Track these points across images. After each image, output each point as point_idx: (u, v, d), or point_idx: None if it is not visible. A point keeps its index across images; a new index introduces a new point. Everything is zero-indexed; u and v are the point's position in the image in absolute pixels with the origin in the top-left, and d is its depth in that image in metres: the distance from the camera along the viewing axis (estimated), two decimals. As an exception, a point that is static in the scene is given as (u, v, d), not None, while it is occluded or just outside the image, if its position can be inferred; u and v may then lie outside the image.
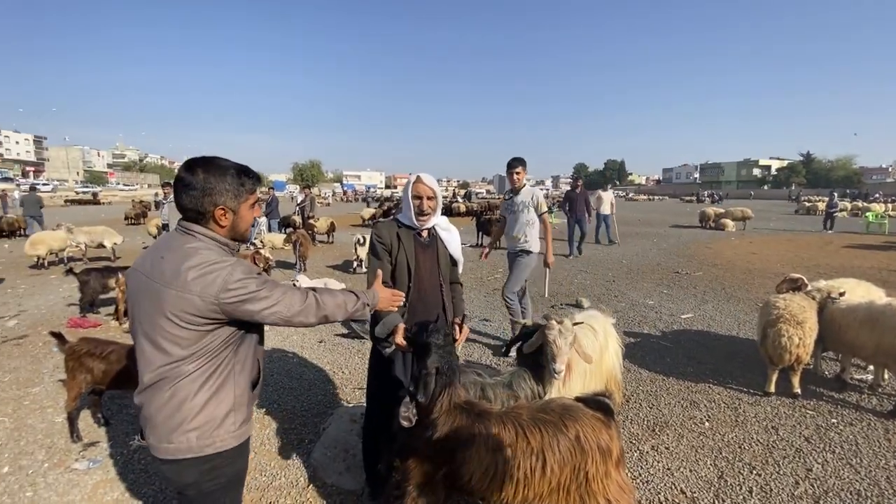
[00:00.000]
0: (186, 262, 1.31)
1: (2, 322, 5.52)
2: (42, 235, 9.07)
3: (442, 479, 1.78)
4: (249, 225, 1.51)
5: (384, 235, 2.25)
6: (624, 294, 6.98)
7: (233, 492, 1.51)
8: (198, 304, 1.29)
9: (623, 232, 16.73)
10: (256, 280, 1.36)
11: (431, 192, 2.23)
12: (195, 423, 1.35)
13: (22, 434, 3.07)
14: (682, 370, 4.07)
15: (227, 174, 1.40)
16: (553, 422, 1.80)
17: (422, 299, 2.26)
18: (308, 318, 1.45)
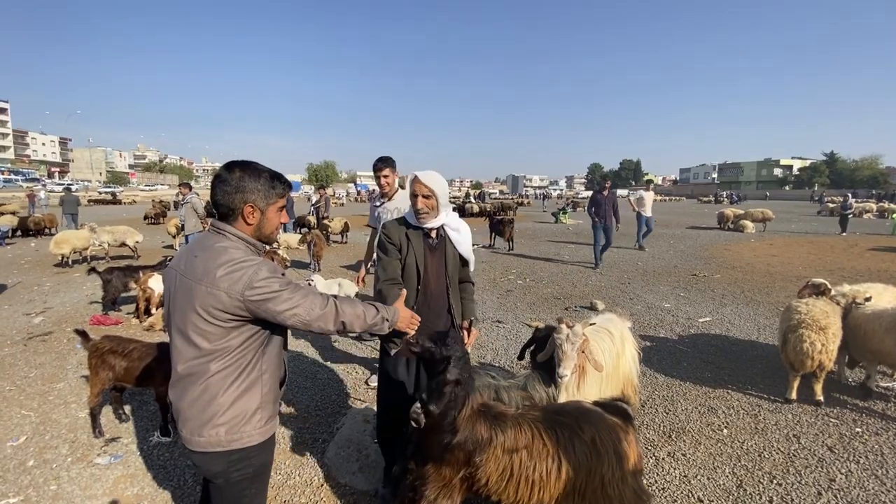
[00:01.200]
0: (216, 259, 1.38)
1: (28, 319, 5.69)
2: (66, 234, 9.33)
3: (459, 482, 1.78)
4: (275, 228, 1.56)
5: (393, 235, 2.23)
6: (640, 297, 6.88)
7: (258, 482, 1.57)
8: (224, 301, 1.34)
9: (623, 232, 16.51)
10: (280, 280, 1.39)
11: (427, 191, 2.17)
12: (224, 419, 1.41)
13: (47, 428, 3.17)
14: (699, 375, 4.00)
15: (262, 176, 1.48)
16: (569, 424, 1.79)
17: (427, 302, 2.24)
18: (327, 324, 1.46)
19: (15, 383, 3.86)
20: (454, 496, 1.80)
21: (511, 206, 23.97)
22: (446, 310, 2.29)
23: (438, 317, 2.27)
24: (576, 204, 32.35)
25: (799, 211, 30.57)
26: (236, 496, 1.51)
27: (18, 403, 3.51)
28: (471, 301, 2.45)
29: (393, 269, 2.19)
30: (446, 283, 2.29)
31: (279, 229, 1.61)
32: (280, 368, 1.59)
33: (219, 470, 1.46)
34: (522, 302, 6.61)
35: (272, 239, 1.59)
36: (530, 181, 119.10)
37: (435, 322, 2.24)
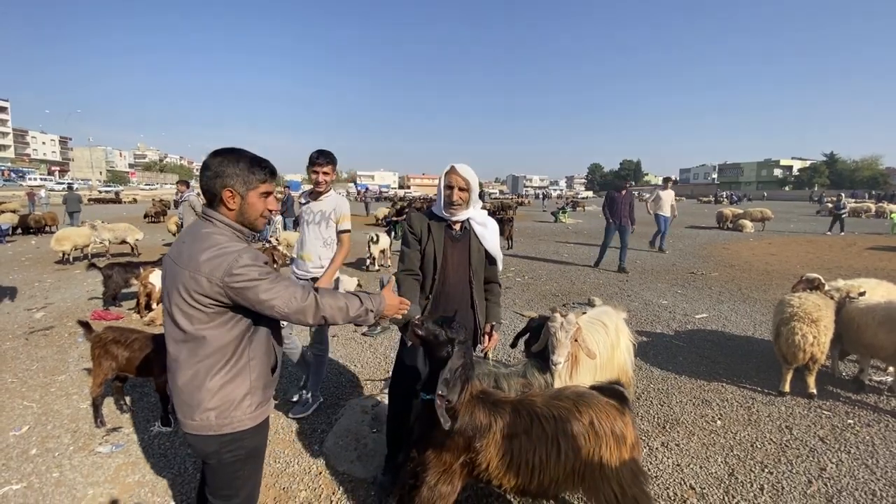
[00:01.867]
0: (200, 244, 1.41)
1: (29, 314, 5.74)
2: (67, 232, 9.38)
3: (460, 467, 1.82)
4: (259, 214, 1.55)
5: (415, 225, 2.26)
6: (637, 294, 6.92)
7: (251, 464, 1.60)
8: (205, 286, 1.37)
9: (636, 232, 16.53)
10: (260, 269, 1.40)
11: (464, 184, 2.18)
12: (213, 404, 1.45)
13: (49, 419, 3.21)
14: (694, 369, 4.04)
15: (241, 160, 1.49)
16: (567, 408, 1.82)
17: (445, 293, 2.23)
18: (306, 317, 1.46)
19: (17, 376, 3.90)
20: (454, 481, 1.83)
21: (511, 206, 24.02)
22: (469, 305, 2.28)
23: (460, 311, 2.22)
24: (575, 203, 32.41)
25: (798, 211, 30.61)
26: (229, 476, 1.55)
27: (20, 395, 3.55)
28: (496, 304, 2.42)
29: (411, 261, 2.21)
30: (469, 276, 2.27)
31: (266, 217, 1.59)
32: (270, 356, 1.59)
33: (211, 451, 1.50)
34: (521, 298, 6.65)
35: (257, 226, 1.58)
36: (530, 181, 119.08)
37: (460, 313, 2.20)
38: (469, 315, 2.28)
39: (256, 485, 1.70)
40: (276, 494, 2.41)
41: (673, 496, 2.39)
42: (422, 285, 2.24)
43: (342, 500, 2.39)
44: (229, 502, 1.59)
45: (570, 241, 14.12)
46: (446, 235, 2.25)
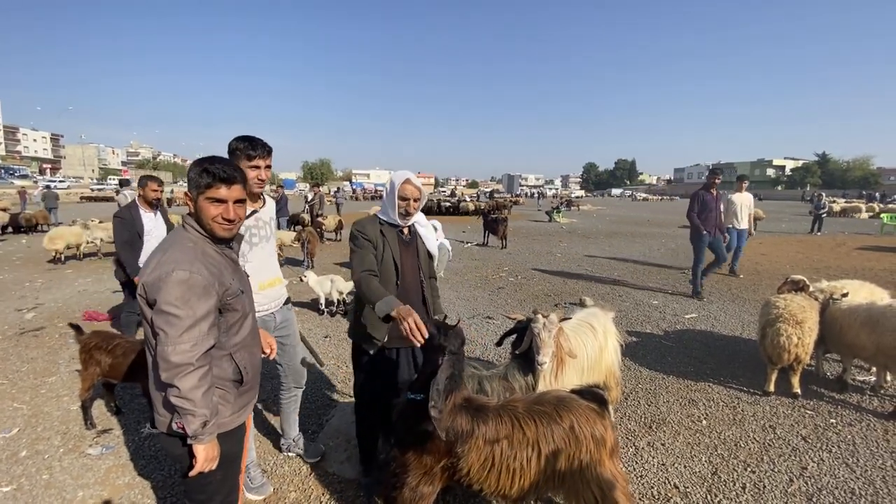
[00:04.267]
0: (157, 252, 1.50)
1: (20, 314, 5.70)
2: (60, 231, 9.32)
3: (440, 470, 1.84)
4: (210, 219, 1.51)
5: (368, 232, 2.26)
6: (628, 294, 6.98)
7: (224, 469, 1.59)
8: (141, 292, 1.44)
9: (630, 232, 16.68)
10: (183, 306, 1.37)
11: (418, 194, 2.28)
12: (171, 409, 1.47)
13: (39, 420, 3.20)
14: (682, 369, 4.09)
15: (197, 165, 1.53)
16: (547, 413, 1.84)
17: (406, 295, 2.29)
18: (167, 371, 1.38)
19: (7, 377, 3.89)
20: (435, 483, 1.86)
21: (505, 205, 24.08)
22: (421, 302, 2.36)
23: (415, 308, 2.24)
24: (570, 203, 32.57)
25: (790, 210, 30.91)
26: (201, 481, 1.54)
27: (10, 397, 3.54)
28: (437, 295, 2.59)
29: (370, 262, 2.20)
30: (420, 276, 2.38)
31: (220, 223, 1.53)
32: (231, 369, 1.59)
33: (179, 453, 1.52)
34: (513, 298, 6.69)
35: (215, 231, 1.53)
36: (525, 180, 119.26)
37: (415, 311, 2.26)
38: (422, 309, 2.35)
39: (233, 490, 1.71)
40: (265, 496, 2.43)
41: (657, 495, 2.43)
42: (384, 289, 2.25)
43: (332, 500, 2.41)
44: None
45: (563, 240, 14.19)
46: (399, 240, 2.33)
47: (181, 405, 1.39)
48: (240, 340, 1.63)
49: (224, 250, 1.61)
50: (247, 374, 1.64)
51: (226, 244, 1.62)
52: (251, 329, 1.71)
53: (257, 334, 1.80)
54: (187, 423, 1.41)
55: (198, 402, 1.41)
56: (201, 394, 1.41)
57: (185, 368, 1.38)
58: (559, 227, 19.12)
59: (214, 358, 1.53)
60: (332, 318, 5.74)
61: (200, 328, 1.41)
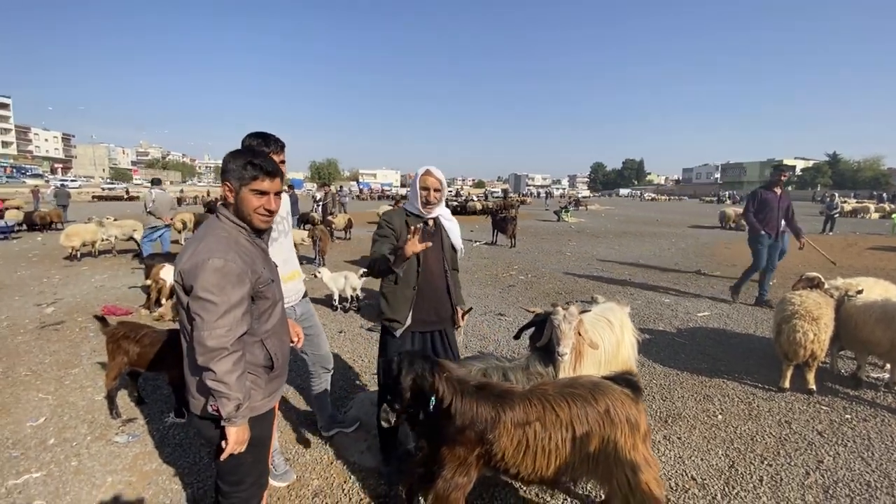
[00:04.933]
0: (193, 241, 1.56)
1: (39, 309, 5.82)
2: (77, 228, 9.47)
3: (475, 459, 1.86)
4: (252, 210, 1.58)
5: (394, 222, 2.44)
6: (640, 292, 6.98)
7: (254, 452, 1.65)
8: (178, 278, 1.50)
9: (639, 231, 16.63)
10: (218, 293, 1.43)
11: (438, 185, 2.41)
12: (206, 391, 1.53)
13: (65, 410, 3.29)
14: (696, 366, 4.10)
15: (240, 157, 1.58)
16: (582, 395, 1.86)
17: (428, 282, 2.44)
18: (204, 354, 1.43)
19: (31, 369, 3.98)
20: (471, 472, 1.87)
21: (513, 205, 24.08)
22: (445, 290, 2.52)
23: (439, 297, 2.50)
24: (578, 202, 32.48)
25: (801, 211, 30.43)
26: (233, 463, 1.60)
27: (35, 387, 3.63)
28: (459, 286, 2.71)
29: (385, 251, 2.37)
30: (444, 266, 2.52)
31: (262, 214, 1.60)
32: (263, 355, 1.65)
33: (212, 435, 1.59)
34: (524, 296, 6.71)
35: (253, 222, 1.60)
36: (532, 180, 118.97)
37: (436, 301, 2.49)
38: (445, 299, 2.53)
39: (263, 473, 1.77)
40: (289, 482, 2.49)
41: (675, 486, 2.46)
42: (407, 278, 2.41)
43: (353, 488, 2.46)
44: (237, 488, 1.66)
45: (572, 238, 14.18)
46: (423, 232, 2.42)
47: (216, 388, 1.45)
48: (270, 327, 1.68)
49: (255, 240, 1.66)
50: (277, 360, 1.69)
51: (259, 234, 1.67)
52: (280, 317, 1.76)
53: (286, 322, 1.86)
54: (222, 406, 1.46)
55: (232, 386, 1.46)
56: (235, 378, 1.47)
57: (221, 353, 1.43)
58: (568, 226, 19.11)
59: (247, 344, 1.58)
60: (345, 314, 5.80)
61: (235, 314, 1.46)
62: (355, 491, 2.44)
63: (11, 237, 12.60)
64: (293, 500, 2.37)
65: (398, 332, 2.43)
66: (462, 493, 1.86)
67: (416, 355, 1.92)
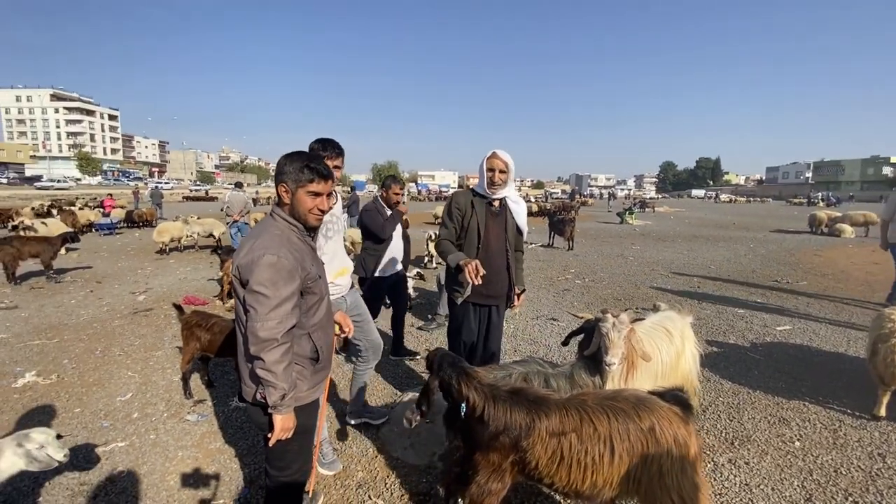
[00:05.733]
0: (249, 238, 1.64)
1: (134, 297, 6.55)
2: (166, 225, 10.56)
3: (510, 466, 1.82)
4: (307, 210, 1.67)
5: (461, 202, 2.70)
6: (709, 301, 6.46)
7: (299, 440, 1.73)
8: (235, 272, 1.59)
9: (712, 235, 15.41)
10: (271, 287, 1.50)
11: (504, 166, 2.60)
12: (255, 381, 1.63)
13: (147, 388, 3.66)
14: (772, 385, 3.72)
15: (296, 161, 1.66)
16: (625, 410, 1.76)
17: (488, 258, 2.59)
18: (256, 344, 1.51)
19: (123, 349, 4.49)
20: (505, 478, 1.84)
21: (573, 206, 23.32)
22: (505, 268, 2.72)
23: (498, 274, 2.69)
24: (644, 204, 30.67)
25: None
26: (280, 449, 1.69)
27: (126, 366, 4.08)
28: (521, 268, 2.89)
29: (450, 231, 2.72)
30: (506, 245, 2.70)
31: (315, 214, 1.69)
32: (310, 348, 1.73)
33: (261, 421, 1.67)
34: (580, 301, 6.47)
35: (308, 221, 1.69)
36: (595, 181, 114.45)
37: (495, 278, 2.66)
38: (504, 276, 2.74)
39: (307, 461, 1.86)
40: (336, 472, 2.58)
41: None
42: (467, 254, 2.64)
43: (395, 483, 2.50)
44: (283, 473, 1.76)
45: (636, 242, 13.45)
46: (487, 211, 2.67)
47: (265, 377, 1.53)
48: (317, 321, 1.75)
49: (305, 238, 1.75)
50: (322, 352, 1.77)
51: (309, 233, 1.76)
52: (326, 311, 1.83)
53: (331, 317, 1.93)
54: (268, 395, 1.55)
55: (279, 376, 1.54)
56: (283, 368, 1.55)
57: (271, 343, 1.51)
58: (631, 229, 18.16)
59: (295, 337, 1.66)
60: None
61: (285, 308, 1.54)
62: (397, 486, 2.48)
63: (115, 233, 14.30)
64: (338, 489, 2.47)
65: (458, 300, 2.66)
66: (496, 499, 1.82)
67: (445, 360, 1.90)
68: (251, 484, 2.49)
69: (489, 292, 2.70)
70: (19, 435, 1.91)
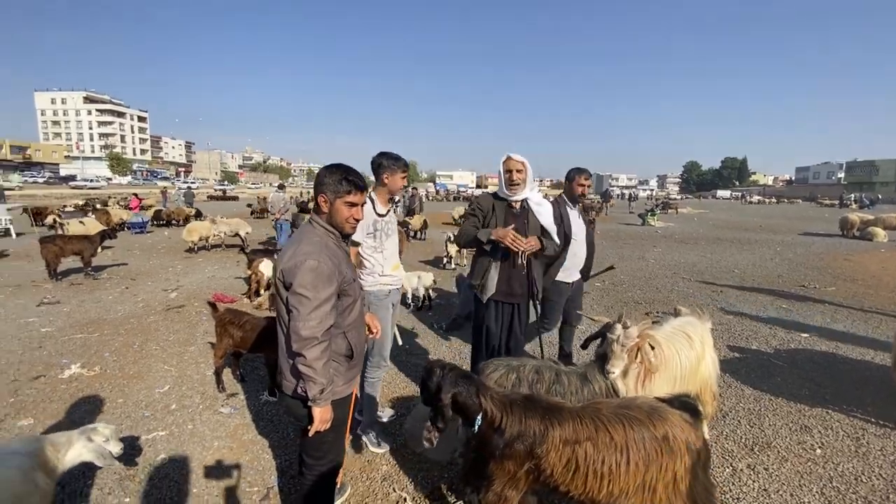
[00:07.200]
0: (292, 244, 1.78)
1: (166, 294, 6.84)
2: (195, 225, 10.96)
3: (525, 474, 1.84)
4: (344, 219, 1.81)
5: (483, 203, 2.89)
6: (732, 305, 6.38)
7: (336, 431, 1.87)
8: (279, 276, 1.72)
9: (737, 238, 15.09)
10: (312, 290, 1.64)
11: (520, 166, 2.73)
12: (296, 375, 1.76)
13: (183, 381, 3.87)
14: (794, 392, 3.69)
15: (335, 173, 1.80)
16: (639, 419, 1.79)
17: (509, 259, 2.77)
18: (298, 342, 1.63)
19: (159, 344, 4.73)
20: (520, 486, 1.86)
21: (593, 207, 23.07)
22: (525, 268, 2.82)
23: (518, 274, 2.81)
24: (667, 205, 30.08)
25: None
26: (317, 439, 1.83)
27: (162, 360, 4.31)
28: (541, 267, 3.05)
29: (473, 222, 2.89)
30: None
31: (351, 223, 1.84)
32: (344, 345, 1.85)
33: (301, 414, 1.81)
34: (599, 304, 6.47)
35: (345, 229, 1.84)
36: (616, 180, 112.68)
37: (516, 277, 2.81)
38: (524, 276, 2.84)
39: (341, 451, 1.99)
40: (362, 465, 2.71)
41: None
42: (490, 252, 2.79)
43: (417, 477, 2.62)
44: (319, 462, 1.90)
45: (657, 244, 13.28)
46: (507, 212, 2.82)
47: (306, 372, 1.66)
48: (351, 321, 1.88)
49: (341, 244, 1.87)
50: (356, 350, 1.90)
51: (344, 239, 1.89)
52: (360, 312, 1.96)
53: (363, 318, 2.05)
54: (309, 389, 1.68)
55: (318, 371, 1.67)
56: (322, 364, 1.68)
57: (312, 341, 1.64)
58: (653, 230, 17.89)
59: (332, 335, 1.78)
60: (418, 312, 6.05)
61: (324, 308, 1.67)
62: (419, 480, 2.59)
63: (146, 231, 14.86)
64: (364, 481, 2.59)
65: (483, 297, 2.81)
66: None
67: (458, 374, 1.91)
68: (283, 474, 2.64)
69: (511, 290, 2.86)
70: (87, 429, 2.08)
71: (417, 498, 2.46)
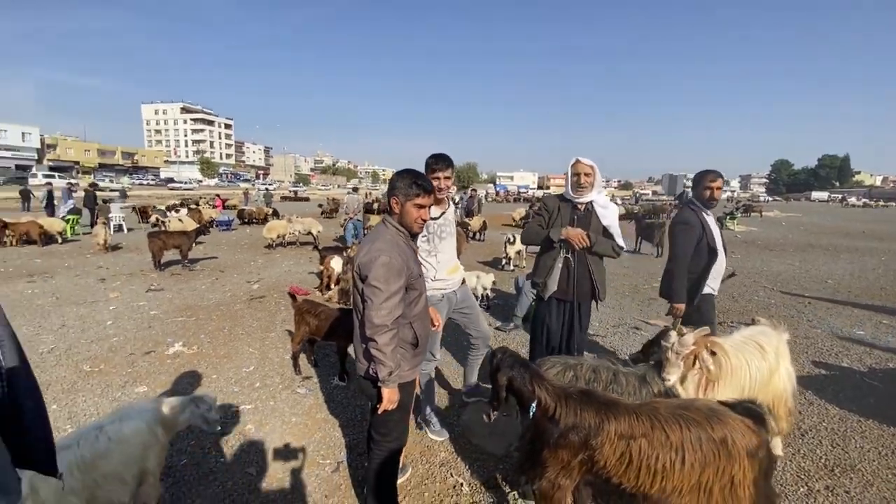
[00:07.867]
0: (365, 244, 1.98)
1: (249, 285, 7.56)
2: (274, 223, 11.95)
3: (578, 464, 1.91)
4: (413, 220, 2.00)
5: (549, 204, 3.07)
6: (822, 319, 5.82)
7: (399, 412, 2.06)
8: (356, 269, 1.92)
9: (832, 245, 13.57)
10: (384, 283, 1.83)
11: (589, 170, 2.85)
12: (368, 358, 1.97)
13: (265, 363, 4.31)
14: (889, 414, 3.34)
15: (406, 177, 1.98)
16: (697, 420, 1.79)
17: (571, 259, 2.90)
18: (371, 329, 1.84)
19: (244, 329, 5.27)
20: (573, 475, 1.93)
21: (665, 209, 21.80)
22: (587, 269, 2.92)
23: (580, 274, 2.92)
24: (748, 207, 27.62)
25: None
26: (384, 418, 2.03)
27: (247, 343, 4.82)
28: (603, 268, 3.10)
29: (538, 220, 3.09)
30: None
31: (419, 224, 2.01)
32: (410, 333, 2.03)
33: (371, 393, 2.02)
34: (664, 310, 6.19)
35: (413, 229, 2.02)
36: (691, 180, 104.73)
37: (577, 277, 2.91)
38: (586, 277, 2.94)
39: (405, 431, 2.19)
40: (422, 450, 2.90)
41: (831, 543, 2.14)
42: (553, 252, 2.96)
43: (474, 465, 2.75)
44: (385, 438, 2.10)
45: (736, 251, 12.32)
46: (572, 213, 2.94)
47: (377, 356, 1.86)
48: (417, 312, 2.06)
49: (410, 243, 2.06)
50: (420, 339, 2.08)
51: (413, 238, 2.07)
52: (424, 305, 2.14)
53: (428, 310, 2.23)
54: (379, 370, 1.88)
55: (388, 356, 1.86)
56: (391, 350, 1.87)
57: (383, 328, 1.84)
58: (733, 235, 16.57)
59: (400, 325, 1.98)
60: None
61: (394, 300, 1.87)
62: (475, 468, 2.72)
63: (231, 229, 16.38)
64: (424, 464, 2.77)
65: (545, 295, 2.93)
66: (564, 494, 1.93)
67: (517, 360, 2.04)
68: (351, 451, 2.89)
69: (573, 289, 2.95)
70: (195, 397, 2.43)
71: (473, 484, 2.59)
